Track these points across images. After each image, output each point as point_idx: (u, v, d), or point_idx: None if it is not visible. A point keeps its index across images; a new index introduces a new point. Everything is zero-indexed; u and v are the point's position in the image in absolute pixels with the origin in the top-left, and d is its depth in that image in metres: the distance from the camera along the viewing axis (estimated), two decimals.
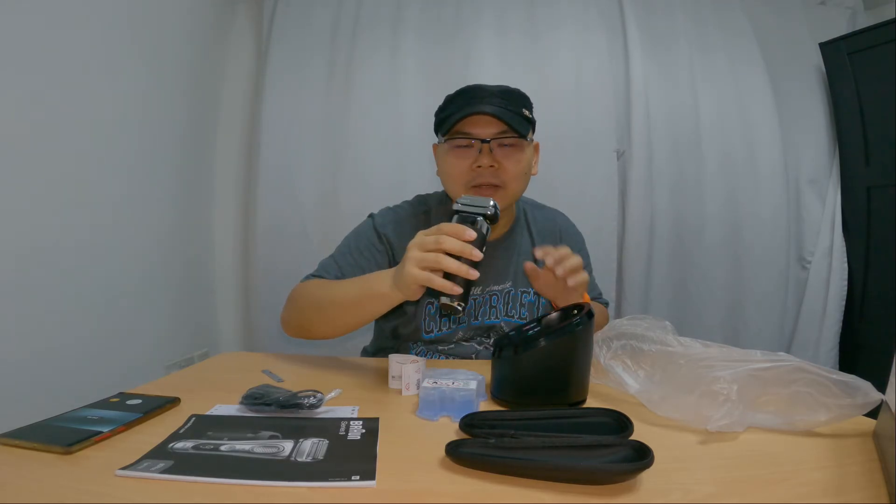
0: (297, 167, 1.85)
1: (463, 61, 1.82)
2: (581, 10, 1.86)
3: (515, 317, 0.98)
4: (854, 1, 2.00)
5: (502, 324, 0.97)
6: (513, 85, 0.95)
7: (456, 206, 0.69)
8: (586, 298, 0.87)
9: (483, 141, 0.88)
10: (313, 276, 0.93)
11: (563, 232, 1.07)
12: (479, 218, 0.66)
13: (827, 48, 1.84)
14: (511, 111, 0.88)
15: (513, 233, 1.01)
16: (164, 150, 1.63)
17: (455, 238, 0.64)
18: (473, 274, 0.63)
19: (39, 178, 1.17)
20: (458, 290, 0.62)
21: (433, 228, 0.67)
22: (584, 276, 0.80)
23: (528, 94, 0.96)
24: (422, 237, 0.66)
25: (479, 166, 0.88)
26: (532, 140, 0.94)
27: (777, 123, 1.87)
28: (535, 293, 0.98)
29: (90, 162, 1.32)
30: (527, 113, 0.92)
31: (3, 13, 1.06)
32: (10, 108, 1.09)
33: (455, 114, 0.88)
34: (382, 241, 0.95)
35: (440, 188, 1.02)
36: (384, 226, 0.97)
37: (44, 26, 1.15)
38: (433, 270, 0.64)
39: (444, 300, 0.64)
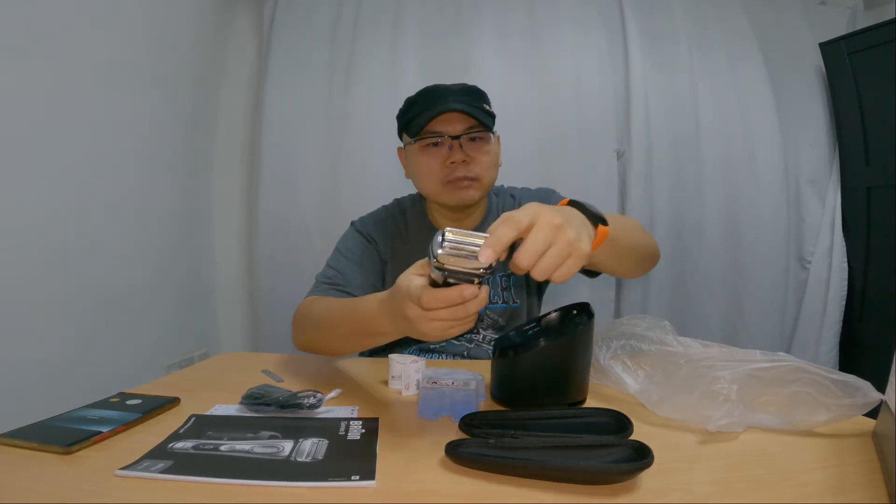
0: (297, 166, 1.85)
1: (463, 61, 1.82)
2: (581, 10, 1.86)
3: (500, 302, 1.00)
4: (854, 1, 2.00)
5: (486, 311, 1.00)
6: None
7: (442, 252, 0.49)
8: (603, 231, 0.60)
9: (453, 137, 0.92)
10: (313, 292, 0.93)
11: (522, 203, 1.02)
12: (474, 279, 0.51)
13: (827, 48, 1.84)
14: (475, 107, 0.92)
15: (485, 224, 1.03)
16: (166, 150, 1.63)
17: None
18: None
19: (40, 179, 1.17)
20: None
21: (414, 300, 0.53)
22: (560, 268, 0.52)
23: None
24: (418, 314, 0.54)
25: (453, 162, 0.92)
26: (495, 132, 0.98)
27: (777, 123, 1.87)
28: (510, 273, 1.00)
29: (91, 162, 1.32)
30: (487, 107, 0.96)
31: (2, 13, 1.06)
32: (11, 110, 1.09)
33: (423, 114, 0.91)
34: (368, 239, 1.01)
35: None
36: (365, 225, 1.03)
37: (43, 28, 1.15)
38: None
39: None
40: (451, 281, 0.51)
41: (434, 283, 0.53)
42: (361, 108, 1.82)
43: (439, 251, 0.49)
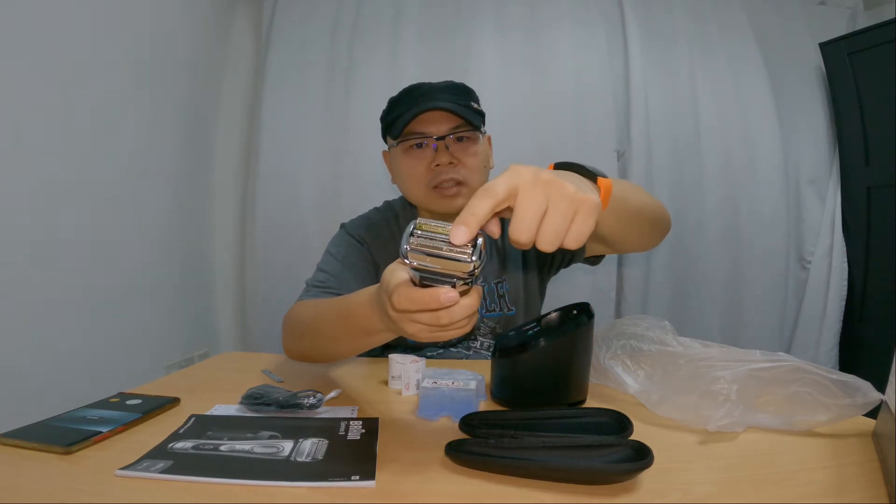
0: (296, 167, 1.85)
1: (463, 60, 1.82)
2: (581, 9, 1.86)
3: (496, 310, 0.96)
4: (854, 1, 2.00)
5: (484, 319, 0.96)
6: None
7: (409, 248, 0.41)
8: (605, 184, 0.53)
9: (438, 138, 0.87)
10: (303, 297, 0.87)
11: None
12: (454, 281, 0.43)
13: (827, 48, 1.84)
14: (461, 105, 0.87)
15: None
16: (164, 150, 1.63)
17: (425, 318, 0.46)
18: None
19: (38, 179, 1.17)
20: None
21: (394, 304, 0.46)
22: (570, 229, 0.43)
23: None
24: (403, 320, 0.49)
25: (438, 164, 0.86)
26: (485, 132, 0.93)
27: (777, 123, 1.87)
28: (503, 279, 0.96)
29: (90, 162, 1.32)
30: (476, 105, 0.91)
31: (2, 11, 1.06)
32: (9, 108, 1.09)
33: (405, 114, 0.86)
34: (360, 241, 0.96)
35: None
36: (357, 228, 0.98)
37: (42, 26, 1.15)
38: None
39: None
40: (427, 283, 0.43)
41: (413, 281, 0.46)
42: (361, 109, 1.82)
43: (406, 246, 0.41)
